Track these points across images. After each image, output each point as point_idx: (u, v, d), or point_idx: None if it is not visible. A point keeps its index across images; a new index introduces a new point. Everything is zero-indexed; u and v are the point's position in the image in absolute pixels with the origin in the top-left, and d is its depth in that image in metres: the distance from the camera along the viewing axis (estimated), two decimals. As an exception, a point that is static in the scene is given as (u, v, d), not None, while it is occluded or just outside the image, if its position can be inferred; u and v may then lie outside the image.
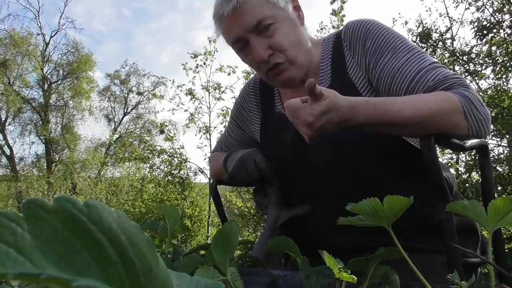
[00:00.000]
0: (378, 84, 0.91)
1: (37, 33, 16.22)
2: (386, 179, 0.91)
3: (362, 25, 0.95)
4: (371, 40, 0.92)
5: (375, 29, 0.93)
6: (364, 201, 0.50)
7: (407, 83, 0.86)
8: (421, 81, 0.84)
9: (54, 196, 2.59)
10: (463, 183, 4.10)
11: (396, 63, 0.88)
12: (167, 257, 0.82)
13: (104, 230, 0.19)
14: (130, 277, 0.19)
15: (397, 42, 0.91)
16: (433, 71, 0.85)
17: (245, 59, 1.00)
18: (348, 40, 0.97)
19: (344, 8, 5.16)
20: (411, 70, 0.86)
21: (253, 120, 1.16)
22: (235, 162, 1.03)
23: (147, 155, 7.50)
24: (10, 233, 0.17)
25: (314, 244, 0.74)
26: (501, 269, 0.51)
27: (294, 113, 0.77)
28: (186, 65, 7.05)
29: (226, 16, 0.93)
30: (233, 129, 1.24)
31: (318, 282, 0.54)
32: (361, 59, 0.94)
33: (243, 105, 1.19)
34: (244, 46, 0.96)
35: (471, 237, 0.96)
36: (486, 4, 5.08)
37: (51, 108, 16.37)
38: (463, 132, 0.80)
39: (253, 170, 0.99)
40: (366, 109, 0.77)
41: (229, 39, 0.97)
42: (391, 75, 0.88)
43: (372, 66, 0.92)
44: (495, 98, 4.22)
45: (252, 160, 1.00)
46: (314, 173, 0.97)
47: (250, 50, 0.95)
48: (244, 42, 0.94)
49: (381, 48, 0.91)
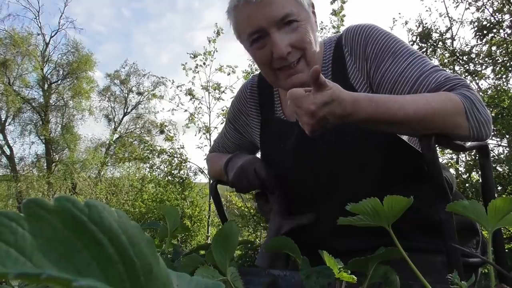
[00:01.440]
0: (379, 89, 0.91)
1: (37, 33, 16.25)
2: (388, 181, 0.90)
3: (362, 30, 0.95)
4: (372, 46, 0.93)
5: (375, 34, 0.93)
6: (364, 201, 0.50)
7: (409, 87, 0.86)
8: (423, 83, 0.85)
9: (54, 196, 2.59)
10: (463, 183, 4.10)
11: (397, 68, 0.88)
12: (167, 257, 0.82)
13: (105, 230, 0.19)
14: (130, 277, 0.19)
15: (398, 47, 0.91)
16: (435, 74, 0.85)
17: (255, 53, 0.95)
18: (349, 46, 0.96)
19: (344, 8, 5.17)
20: (412, 74, 0.87)
21: (252, 124, 1.15)
22: (235, 170, 1.02)
23: (147, 155, 7.49)
24: (11, 232, 0.17)
25: (314, 246, 0.74)
26: (501, 269, 0.51)
27: (297, 101, 0.75)
28: (185, 65, 7.05)
29: (251, 3, 0.88)
30: (230, 131, 1.23)
31: (318, 282, 0.54)
32: (362, 64, 0.94)
33: (241, 109, 1.17)
34: (260, 39, 0.92)
35: (471, 237, 0.96)
36: (486, 4, 5.08)
37: (51, 108, 16.37)
38: (464, 132, 0.80)
39: (253, 179, 0.99)
40: (368, 105, 0.76)
41: (247, 27, 0.92)
42: (393, 81, 0.89)
43: (373, 71, 0.92)
44: (495, 98, 4.22)
45: (253, 168, 0.99)
46: (316, 177, 0.97)
47: (265, 44, 0.91)
48: (263, 34, 0.91)
49: (381, 54, 0.91)
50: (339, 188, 0.93)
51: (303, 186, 0.99)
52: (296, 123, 0.97)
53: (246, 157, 1.04)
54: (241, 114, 1.17)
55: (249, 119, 1.16)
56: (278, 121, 1.07)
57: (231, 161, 1.09)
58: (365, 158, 0.91)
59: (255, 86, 1.16)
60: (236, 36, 1.01)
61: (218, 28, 6.80)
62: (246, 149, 1.21)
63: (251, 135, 1.16)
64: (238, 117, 1.18)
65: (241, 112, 1.17)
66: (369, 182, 0.91)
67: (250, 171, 0.99)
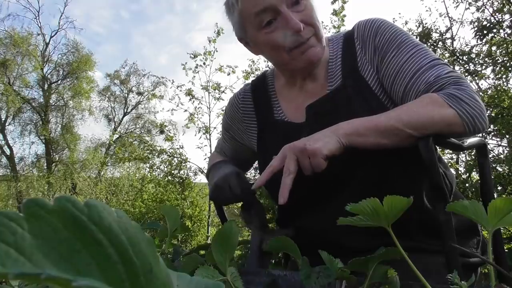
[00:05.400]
0: (383, 80, 0.93)
1: (37, 33, 16.26)
2: (391, 180, 0.90)
3: (373, 23, 0.97)
4: (381, 36, 0.94)
5: (384, 26, 0.96)
6: (364, 201, 0.50)
7: (405, 84, 0.88)
8: (415, 85, 0.87)
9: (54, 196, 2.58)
10: (463, 183, 4.10)
11: (400, 60, 0.90)
12: (167, 257, 0.82)
13: (105, 230, 0.19)
14: (130, 277, 0.19)
15: (403, 38, 0.93)
16: (428, 72, 0.86)
17: (267, 37, 0.93)
18: (361, 39, 0.97)
19: (345, 8, 5.17)
20: (411, 69, 0.88)
21: (248, 130, 1.13)
22: (212, 186, 1.01)
23: (147, 155, 7.49)
24: (11, 232, 0.17)
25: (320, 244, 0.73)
26: (501, 269, 0.51)
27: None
28: (185, 65, 7.05)
29: None
30: (227, 139, 1.22)
31: (318, 282, 0.55)
32: (372, 56, 0.95)
33: (235, 116, 1.15)
34: (271, 23, 0.91)
35: (472, 236, 0.96)
36: (486, 4, 5.09)
37: (51, 108, 16.39)
38: (459, 129, 0.80)
39: (229, 196, 0.97)
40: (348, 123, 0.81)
41: (257, 6, 0.90)
42: (394, 73, 0.90)
43: (379, 61, 0.94)
44: (495, 98, 4.22)
45: (227, 186, 0.97)
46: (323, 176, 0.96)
47: (276, 27, 0.91)
48: (273, 13, 0.90)
49: (388, 44, 0.93)
50: (345, 187, 0.93)
51: (308, 187, 0.98)
52: (304, 123, 0.97)
53: (222, 172, 1.02)
54: (236, 122, 1.16)
55: (243, 125, 1.14)
56: (282, 124, 1.05)
57: (211, 172, 1.09)
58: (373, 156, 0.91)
59: (248, 93, 1.14)
60: (239, 28, 0.99)
61: (219, 28, 6.81)
62: (245, 154, 1.20)
63: (249, 141, 1.14)
64: (233, 124, 1.17)
65: (234, 119, 1.16)
66: (376, 178, 0.90)
67: (225, 189, 0.97)
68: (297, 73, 1.02)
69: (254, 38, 0.98)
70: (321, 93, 0.98)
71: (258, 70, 6.49)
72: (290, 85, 1.06)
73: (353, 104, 0.92)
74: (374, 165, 0.90)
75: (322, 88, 0.99)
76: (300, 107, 1.00)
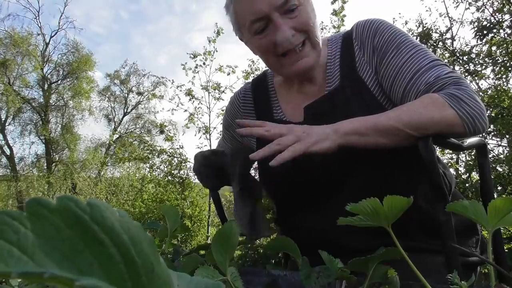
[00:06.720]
0: (382, 81, 0.93)
1: (37, 33, 16.26)
2: (392, 180, 0.90)
3: (372, 23, 0.97)
4: (379, 37, 0.94)
5: (383, 26, 0.95)
6: (364, 201, 0.50)
7: (404, 85, 0.88)
8: (415, 85, 0.86)
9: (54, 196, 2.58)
10: (463, 183, 4.10)
11: (399, 60, 0.90)
12: (167, 257, 0.82)
13: (107, 230, 0.19)
14: (132, 276, 0.19)
15: (402, 39, 0.92)
16: (428, 73, 0.86)
17: (258, 42, 0.94)
18: (360, 39, 0.97)
19: (345, 8, 5.17)
20: (410, 70, 0.88)
21: None
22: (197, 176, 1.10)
23: (147, 155, 7.48)
24: (13, 231, 0.17)
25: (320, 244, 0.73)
26: (501, 269, 0.52)
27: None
28: (185, 65, 7.05)
29: None
30: (227, 138, 1.22)
31: (318, 282, 0.55)
32: (371, 56, 0.95)
33: (235, 115, 1.16)
34: (264, 30, 0.92)
35: (470, 235, 0.96)
36: (486, 4, 5.08)
37: (51, 108, 16.38)
38: (459, 129, 0.80)
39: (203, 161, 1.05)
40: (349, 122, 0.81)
41: (250, 14, 0.91)
42: (393, 74, 0.90)
43: (378, 62, 0.94)
44: (495, 98, 4.21)
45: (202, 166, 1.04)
46: (321, 176, 0.96)
47: (268, 33, 0.91)
48: (265, 21, 0.91)
49: (387, 45, 0.93)
50: (344, 186, 0.93)
51: (307, 186, 0.99)
52: (302, 122, 0.97)
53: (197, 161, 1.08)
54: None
55: None
56: (281, 123, 1.05)
57: None
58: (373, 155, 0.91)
59: (249, 91, 1.15)
60: (236, 30, 1.00)
61: (218, 28, 6.81)
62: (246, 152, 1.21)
63: (248, 140, 1.15)
64: (233, 123, 1.17)
65: (235, 117, 1.16)
66: (376, 178, 0.90)
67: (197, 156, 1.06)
68: (292, 77, 1.03)
69: (249, 42, 1.00)
70: (319, 93, 0.99)
71: (258, 70, 6.48)
72: (289, 85, 1.07)
73: (351, 105, 0.93)
74: (373, 165, 0.90)
75: (320, 89, 1.00)
76: (298, 107, 1.01)
